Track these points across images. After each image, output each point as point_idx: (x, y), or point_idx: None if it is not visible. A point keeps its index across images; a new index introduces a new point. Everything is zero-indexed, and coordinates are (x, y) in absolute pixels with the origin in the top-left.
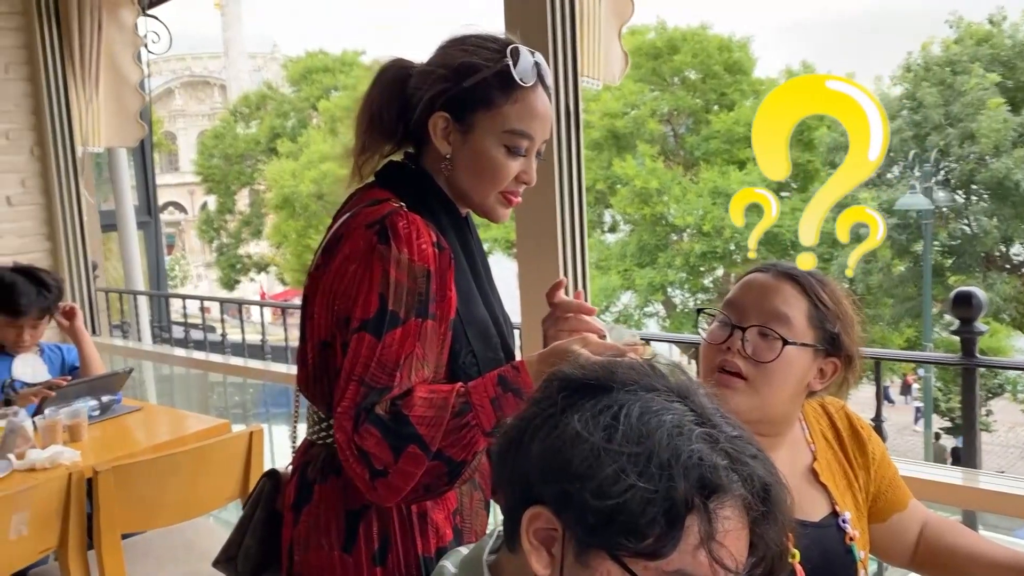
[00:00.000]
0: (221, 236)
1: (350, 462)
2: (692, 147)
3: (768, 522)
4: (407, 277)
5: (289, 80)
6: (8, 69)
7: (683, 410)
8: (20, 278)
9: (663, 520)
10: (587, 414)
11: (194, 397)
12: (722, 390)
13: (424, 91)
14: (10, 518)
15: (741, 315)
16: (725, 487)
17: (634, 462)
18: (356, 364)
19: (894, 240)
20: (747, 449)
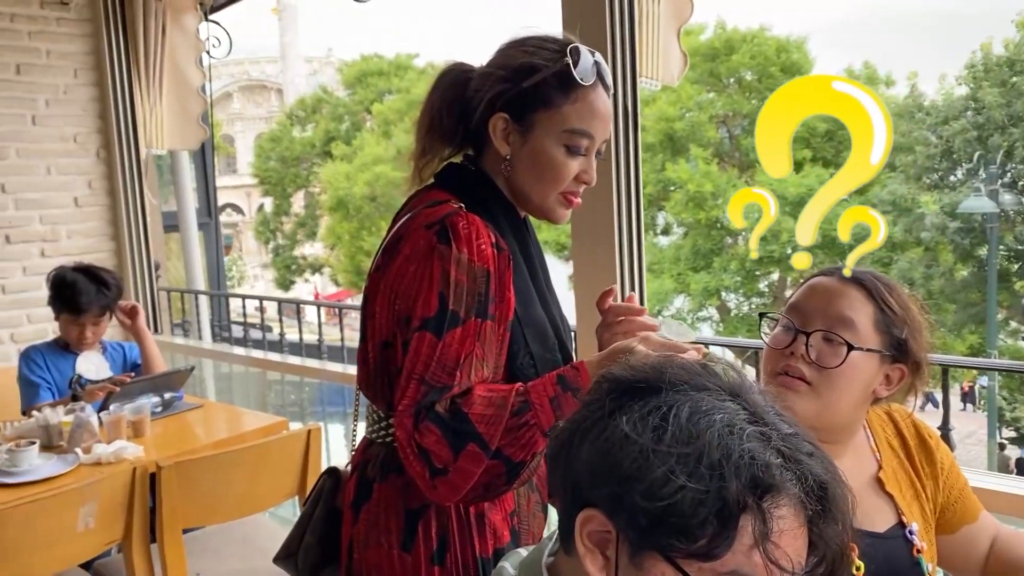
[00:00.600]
0: (277, 237)
1: (410, 460)
2: (748, 149)
3: (826, 521)
4: (467, 277)
5: (344, 84)
6: (77, 74)
7: (735, 409)
8: (81, 277)
9: (715, 520)
10: (635, 415)
11: (252, 395)
12: (784, 394)
13: (484, 93)
14: (78, 510)
15: (805, 319)
16: (778, 485)
17: (684, 462)
18: (417, 363)
19: (957, 244)
20: (802, 447)
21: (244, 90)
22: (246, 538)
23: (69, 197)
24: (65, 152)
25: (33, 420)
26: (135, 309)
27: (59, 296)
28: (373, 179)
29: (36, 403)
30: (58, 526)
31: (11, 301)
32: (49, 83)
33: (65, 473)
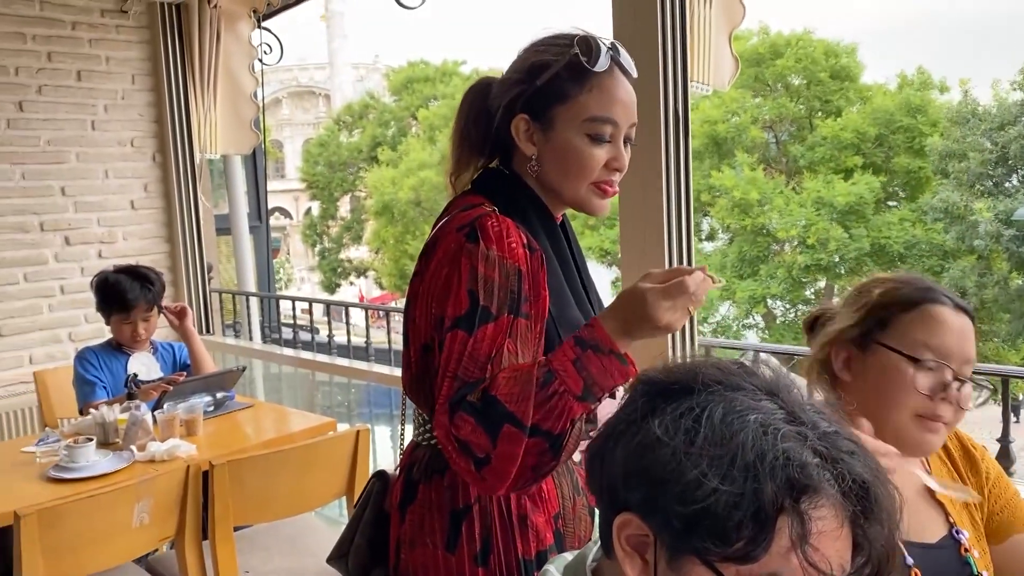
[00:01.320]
0: (323, 241)
1: (454, 457)
2: (796, 155)
3: (869, 521)
4: (498, 273)
5: (390, 90)
6: (135, 80)
7: (772, 408)
8: (123, 276)
9: (751, 523)
10: (668, 418)
11: (300, 396)
12: (932, 439)
13: (502, 98)
14: (134, 506)
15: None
16: (816, 486)
17: (717, 465)
18: (450, 360)
19: (1012, 252)
20: (843, 445)
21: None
22: (294, 537)
23: (126, 200)
24: (122, 156)
25: (90, 417)
26: (184, 310)
27: (106, 298)
28: (418, 184)
29: (92, 401)
30: (115, 521)
31: (69, 301)
32: (108, 89)
33: (121, 470)
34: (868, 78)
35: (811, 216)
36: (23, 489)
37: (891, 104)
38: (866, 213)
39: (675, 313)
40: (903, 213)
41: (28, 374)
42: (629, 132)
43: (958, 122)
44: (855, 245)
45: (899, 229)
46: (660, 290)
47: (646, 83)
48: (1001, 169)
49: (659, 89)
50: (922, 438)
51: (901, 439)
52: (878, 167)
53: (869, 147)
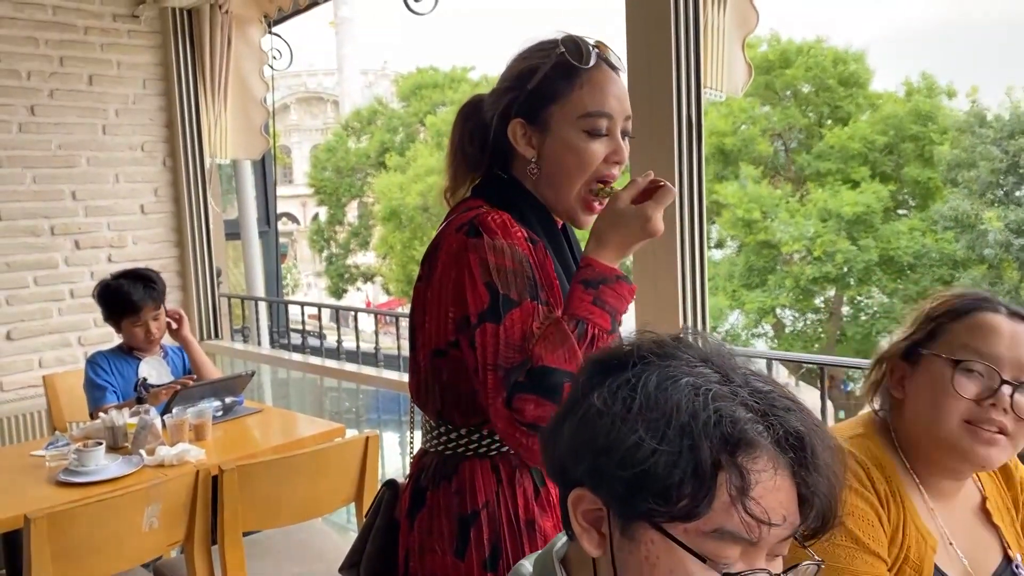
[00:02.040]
0: (331, 246)
1: (524, 445)
2: (803, 164)
3: (809, 471)
4: (510, 261)
5: (399, 96)
6: (146, 85)
7: (707, 372)
8: (123, 280)
9: (691, 480)
10: (605, 390)
11: (308, 401)
12: (988, 449)
13: (495, 108)
14: (144, 511)
15: (997, 365)
16: (750, 439)
17: (653, 428)
18: (487, 354)
19: (1023, 261)
20: (778, 402)
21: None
22: (302, 543)
23: (136, 204)
24: (133, 160)
25: (100, 421)
26: (181, 317)
27: (112, 305)
28: (426, 190)
29: (103, 405)
30: (125, 525)
31: (79, 305)
32: (119, 93)
33: (130, 474)
34: (878, 85)
35: (818, 228)
36: (33, 493)
37: (900, 111)
38: (874, 223)
39: (662, 219)
40: (913, 222)
41: (38, 378)
42: (625, 125)
43: (966, 130)
44: (863, 256)
45: (908, 238)
46: (652, 203)
47: (659, 89)
48: (1012, 178)
49: (672, 95)
50: (974, 449)
51: (955, 451)
52: (887, 176)
53: (878, 156)
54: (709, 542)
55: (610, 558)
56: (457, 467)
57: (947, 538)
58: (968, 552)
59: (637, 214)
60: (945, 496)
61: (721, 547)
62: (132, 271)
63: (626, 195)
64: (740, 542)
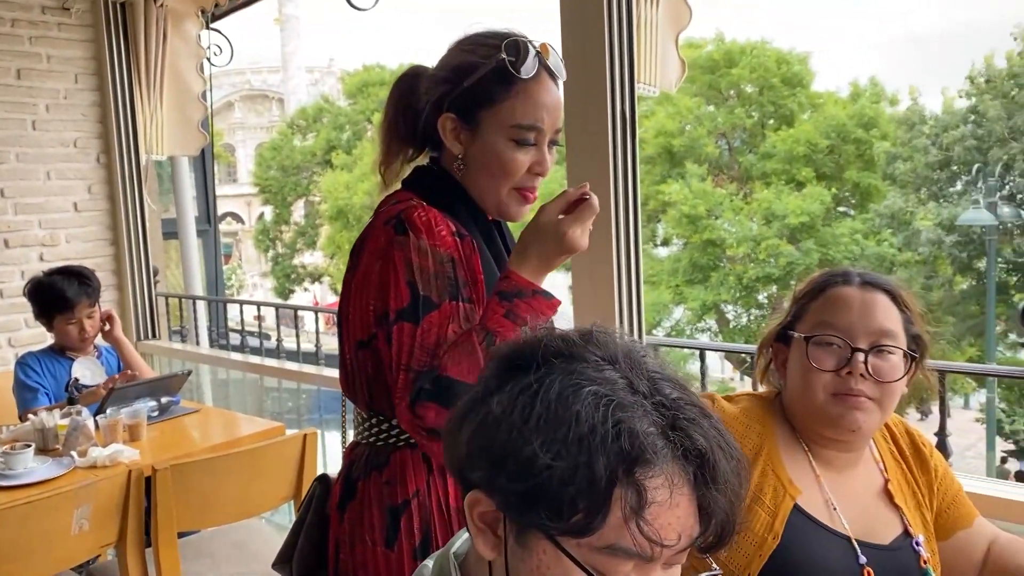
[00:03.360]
0: (277, 246)
1: (426, 445)
2: (748, 165)
3: (709, 486)
4: (432, 262)
5: (345, 93)
6: (78, 79)
7: (613, 378)
8: (56, 277)
9: (585, 497)
10: (505, 395)
11: (249, 402)
12: (854, 414)
13: (430, 95)
14: (73, 513)
15: (848, 335)
16: (649, 456)
17: (550, 441)
18: (401, 353)
19: (955, 256)
20: (684, 412)
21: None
22: (241, 543)
23: (69, 202)
24: (65, 157)
25: (29, 423)
26: (111, 317)
27: (44, 302)
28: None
29: (33, 407)
30: (53, 528)
31: (9, 306)
32: (50, 88)
33: (60, 476)
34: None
35: (762, 230)
36: None
37: (843, 114)
38: (816, 225)
39: (585, 235)
40: (854, 224)
41: None
42: (555, 137)
43: (905, 125)
44: (805, 260)
45: (849, 241)
46: (571, 219)
47: (593, 85)
48: (945, 173)
49: (607, 91)
50: (842, 415)
51: (827, 421)
52: (829, 177)
53: (821, 157)
54: (602, 557)
55: (504, 563)
56: (388, 458)
57: (832, 503)
58: (858, 522)
59: (555, 229)
60: (834, 467)
61: (614, 562)
62: (66, 268)
63: (553, 207)
64: (634, 557)
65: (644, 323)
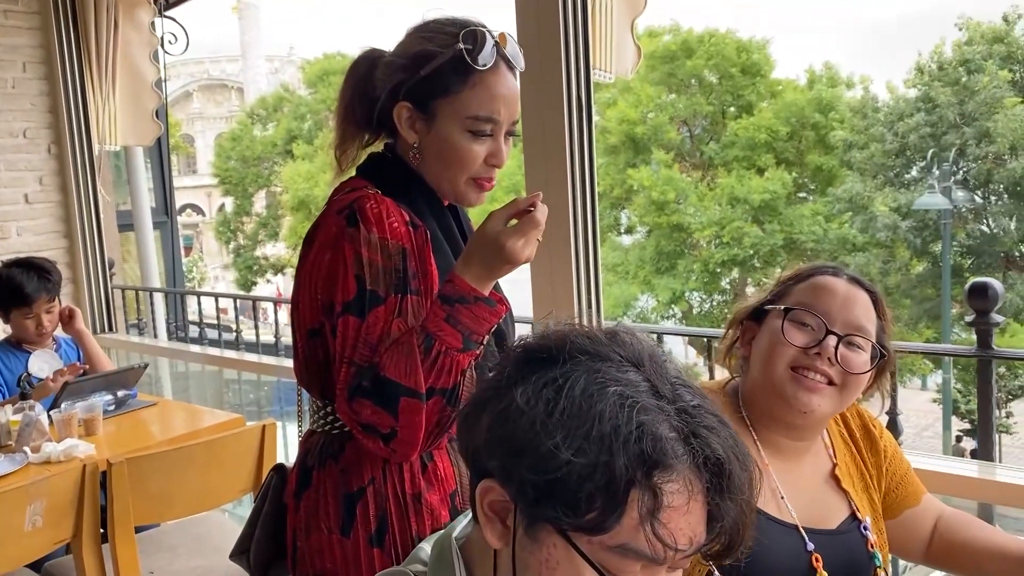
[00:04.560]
0: (238, 238)
1: (363, 439)
2: (711, 153)
3: (723, 496)
4: (381, 256)
5: (306, 82)
6: (25, 68)
7: (635, 380)
8: (16, 270)
9: (602, 495)
10: (530, 387)
11: (209, 395)
12: (806, 393)
13: (386, 82)
14: (25, 509)
15: (827, 319)
16: (668, 460)
17: (572, 437)
18: (345, 346)
19: (912, 241)
20: (704, 419)
21: (204, 89)
22: (201, 536)
23: (19, 194)
24: (14, 148)
25: None
26: (72, 312)
27: (1, 296)
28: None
29: None
30: (4, 526)
31: None
32: None
33: (12, 473)
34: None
35: (726, 214)
36: None
37: (802, 100)
38: (779, 207)
39: (529, 247)
40: (815, 207)
41: None
42: (512, 128)
43: (859, 113)
44: (769, 240)
45: (811, 222)
46: (513, 231)
47: (549, 71)
48: (900, 160)
49: (562, 77)
50: (797, 395)
51: (781, 398)
52: (790, 162)
53: (781, 144)
54: (612, 556)
55: (511, 554)
56: (343, 445)
57: (779, 492)
58: (806, 509)
59: (496, 240)
60: (783, 455)
61: (624, 562)
62: (26, 260)
63: (499, 215)
64: (644, 559)
65: (603, 310)
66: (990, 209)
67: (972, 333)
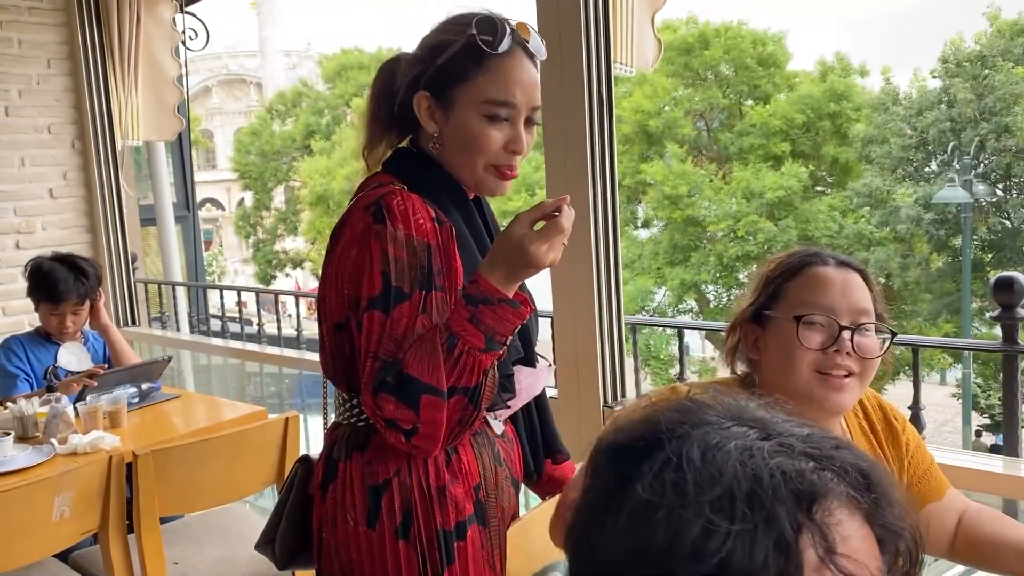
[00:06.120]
0: (257, 232)
1: (385, 434)
2: (726, 143)
3: (882, 508)
4: (407, 252)
5: (324, 77)
6: (50, 64)
7: (743, 431)
8: (58, 265)
9: (775, 554)
10: (648, 478)
11: (231, 387)
12: (839, 395)
13: (406, 76)
14: (53, 500)
15: (834, 314)
16: (821, 491)
17: (719, 507)
18: (370, 341)
19: (932, 235)
20: (825, 443)
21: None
22: (225, 528)
23: (44, 188)
24: (39, 143)
25: (8, 411)
26: (96, 307)
27: (37, 286)
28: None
29: (12, 395)
30: (33, 516)
31: None
32: (21, 73)
33: (40, 464)
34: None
35: (741, 208)
36: None
37: (817, 91)
38: (794, 202)
39: (553, 251)
40: (832, 201)
41: None
42: (531, 115)
43: (879, 108)
44: (783, 236)
45: (826, 217)
46: (536, 235)
47: (570, 65)
48: (920, 154)
49: (583, 71)
50: (827, 396)
51: (810, 400)
52: (806, 154)
53: (797, 133)
54: None
55: None
56: (369, 438)
57: None
58: None
59: (519, 243)
60: None
61: None
62: (70, 258)
63: (524, 218)
64: None
65: (623, 304)
66: (1011, 203)
67: (991, 327)
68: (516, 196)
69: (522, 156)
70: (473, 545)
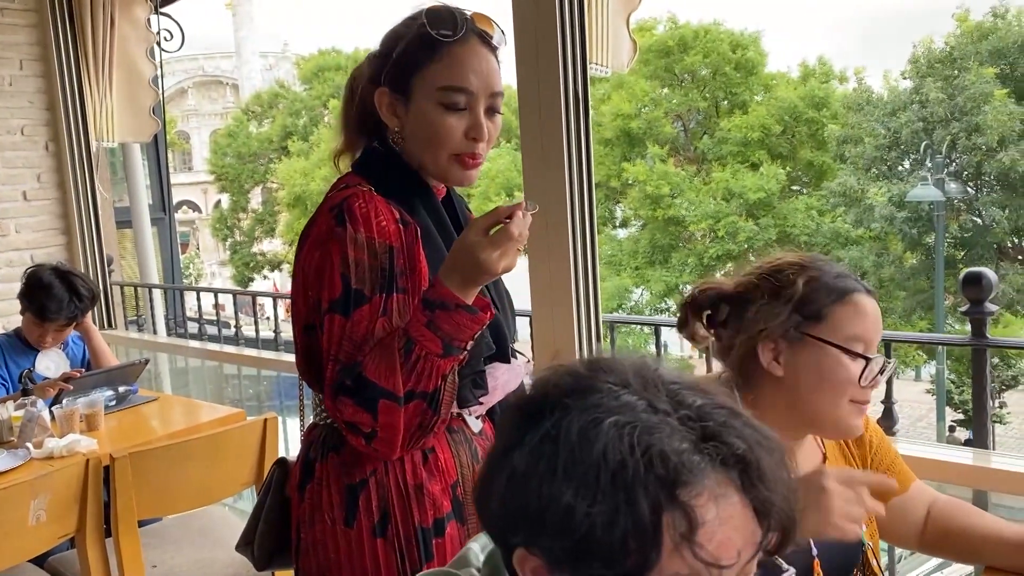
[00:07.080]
0: (235, 234)
1: (348, 436)
2: (705, 148)
3: (758, 487)
4: (367, 255)
5: (301, 79)
6: (23, 65)
7: (632, 402)
8: (56, 281)
9: (634, 537)
10: (526, 449)
11: (209, 390)
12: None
13: (367, 75)
14: (29, 504)
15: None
16: (687, 475)
17: (583, 487)
18: (331, 344)
19: (905, 233)
20: (713, 417)
21: (199, 86)
22: (204, 530)
23: (17, 191)
24: (12, 145)
25: None
26: None
27: (30, 296)
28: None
29: None
30: (8, 520)
31: None
32: None
33: (15, 468)
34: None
35: (721, 208)
36: None
37: (794, 96)
38: (773, 202)
39: (506, 258)
40: (809, 201)
41: None
42: (492, 102)
43: (853, 108)
44: (763, 236)
45: (804, 216)
46: (487, 242)
47: (546, 66)
48: (894, 153)
49: (559, 71)
50: (855, 424)
51: (838, 426)
52: (784, 157)
53: (775, 140)
54: None
55: None
56: (344, 438)
57: None
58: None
59: (471, 252)
60: None
61: None
62: (69, 275)
63: (479, 223)
64: None
65: (600, 303)
66: (982, 200)
67: (966, 324)
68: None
69: (487, 145)
70: (452, 542)
